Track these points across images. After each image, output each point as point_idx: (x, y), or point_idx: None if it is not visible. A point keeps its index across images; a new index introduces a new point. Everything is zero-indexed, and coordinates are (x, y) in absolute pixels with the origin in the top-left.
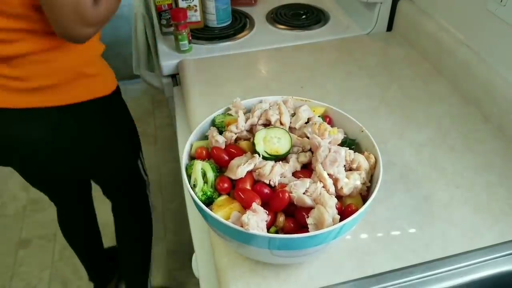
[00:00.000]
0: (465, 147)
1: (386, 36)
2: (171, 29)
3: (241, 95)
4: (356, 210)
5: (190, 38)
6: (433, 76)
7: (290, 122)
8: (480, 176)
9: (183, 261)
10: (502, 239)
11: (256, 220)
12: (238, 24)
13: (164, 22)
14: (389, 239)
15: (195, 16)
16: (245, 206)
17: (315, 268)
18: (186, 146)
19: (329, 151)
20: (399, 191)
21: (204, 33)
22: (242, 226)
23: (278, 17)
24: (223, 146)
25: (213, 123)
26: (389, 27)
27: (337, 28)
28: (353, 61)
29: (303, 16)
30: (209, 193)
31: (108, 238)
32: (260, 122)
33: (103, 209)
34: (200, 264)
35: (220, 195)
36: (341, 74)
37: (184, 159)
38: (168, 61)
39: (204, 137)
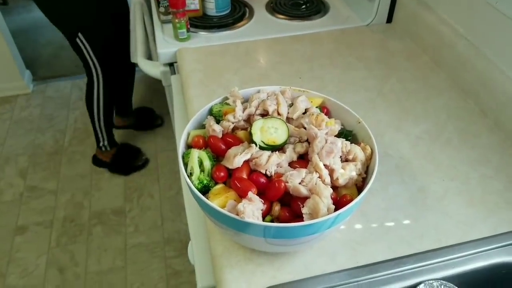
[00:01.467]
0: (462, 140)
1: (385, 28)
2: (169, 16)
3: (239, 85)
4: (351, 200)
5: (189, 26)
6: (432, 69)
7: (288, 113)
8: (475, 169)
9: (180, 249)
10: (496, 232)
11: (252, 208)
12: (237, 13)
13: (162, 9)
14: (383, 229)
15: (193, 4)
16: (241, 195)
17: (309, 257)
18: (183, 134)
19: (326, 142)
20: (394, 182)
21: (203, 22)
22: (237, 215)
23: (277, 6)
24: (220, 135)
25: (210, 112)
26: (389, 19)
27: (336, 19)
28: (352, 53)
29: (303, 6)
30: (205, 181)
31: None
32: (258, 112)
33: None
34: (195, 252)
35: (216, 183)
36: (340, 66)
37: (181, 148)
38: (166, 49)
39: (201, 126)
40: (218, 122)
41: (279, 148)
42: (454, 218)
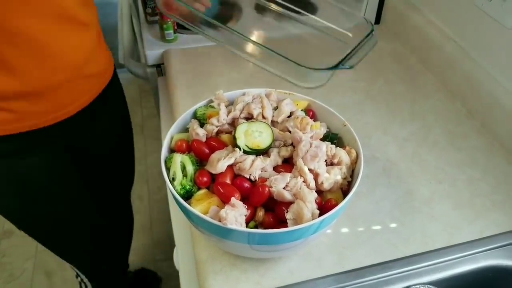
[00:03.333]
0: (449, 143)
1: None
2: (157, 17)
3: (227, 87)
4: (336, 205)
5: (176, 27)
6: (420, 71)
7: (273, 116)
8: (463, 172)
9: (169, 252)
10: (482, 234)
11: (235, 214)
12: (226, 13)
13: (149, 10)
14: (370, 233)
15: None
16: (224, 201)
17: (295, 262)
18: (166, 138)
19: (310, 146)
20: (381, 185)
21: None
22: (220, 221)
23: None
24: (203, 139)
25: (195, 116)
26: (377, 20)
27: (324, 20)
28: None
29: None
30: (188, 186)
31: None
32: (242, 115)
33: None
34: (180, 258)
35: (199, 189)
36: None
37: (163, 152)
38: (153, 50)
39: (186, 129)
40: (202, 125)
41: (263, 152)
42: (441, 221)
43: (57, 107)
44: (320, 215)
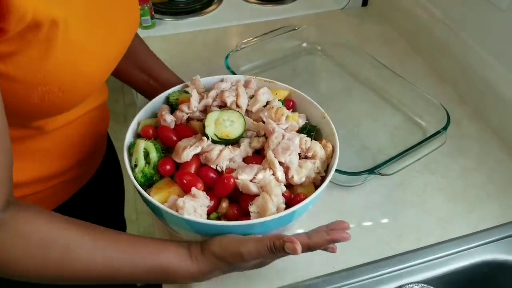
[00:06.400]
0: None
1: (361, 12)
2: None
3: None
4: (305, 199)
5: (153, 13)
6: (409, 55)
7: (248, 105)
8: (455, 161)
9: None
10: (477, 227)
11: (194, 205)
12: None
13: None
14: (360, 230)
15: None
16: (185, 191)
17: (282, 263)
18: (132, 123)
19: (283, 138)
20: (372, 178)
21: (169, 7)
22: (177, 211)
23: None
24: (171, 126)
25: (167, 101)
26: (365, 2)
27: (310, 2)
28: (326, 38)
29: None
30: (149, 174)
31: None
32: (215, 103)
33: None
34: None
35: (162, 177)
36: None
37: (127, 137)
38: None
39: (156, 115)
40: (175, 111)
41: (233, 143)
42: (434, 214)
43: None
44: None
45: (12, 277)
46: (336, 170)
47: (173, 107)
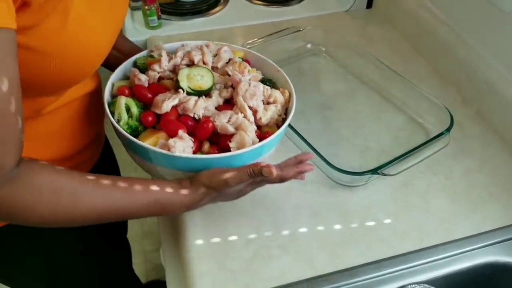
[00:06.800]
0: None
1: (365, 14)
2: (139, 3)
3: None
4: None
5: (160, 13)
6: (413, 57)
7: (212, 62)
8: (458, 162)
9: (159, 242)
10: (481, 228)
11: (183, 145)
12: None
13: None
14: (363, 230)
15: None
16: (171, 135)
17: (285, 262)
18: (107, 84)
19: (249, 86)
20: (375, 178)
21: (175, 8)
22: (169, 150)
23: None
24: (145, 85)
25: (135, 65)
26: (369, 4)
27: (315, 4)
28: (331, 40)
29: None
30: (134, 126)
31: None
32: (184, 62)
33: None
34: (167, 257)
35: (145, 128)
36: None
37: (106, 96)
38: (136, 38)
39: (126, 77)
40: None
41: (205, 94)
42: (437, 215)
43: None
44: None
45: (27, 223)
46: (340, 170)
47: (141, 70)
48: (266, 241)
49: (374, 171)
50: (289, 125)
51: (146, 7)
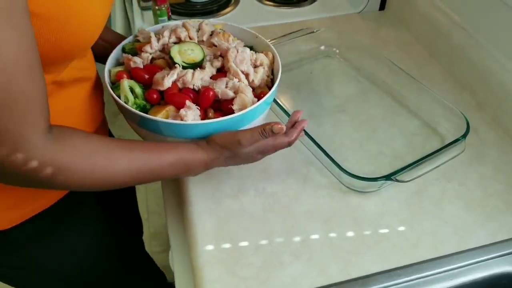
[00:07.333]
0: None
1: (378, 16)
2: (150, 3)
3: None
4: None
5: (170, 13)
6: (426, 60)
7: (198, 37)
8: (473, 169)
9: (166, 243)
10: (495, 238)
11: (192, 113)
12: None
13: None
14: (377, 237)
15: None
16: (179, 107)
17: (298, 269)
18: (105, 73)
19: (237, 52)
20: (388, 184)
21: (185, 8)
22: (182, 119)
23: None
24: (141, 67)
25: (123, 51)
26: (382, 6)
27: (327, 6)
28: (344, 42)
29: None
30: (142, 104)
31: None
32: (171, 40)
33: None
34: (176, 262)
35: (152, 106)
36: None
37: (108, 83)
38: None
39: (119, 64)
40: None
41: (199, 66)
42: (451, 223)
43: None
44: None
45: (67, 187)
46: (352, 175)
47: (132, 55)
48: (278, 247)
49: (388, 177)
50: None
51: (157, 7)
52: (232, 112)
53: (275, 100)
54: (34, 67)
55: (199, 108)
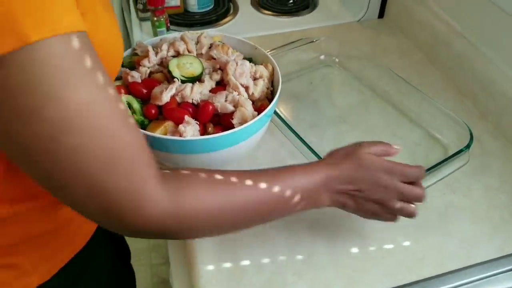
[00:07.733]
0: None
1: (377, 24)
2: (148, 14)
3: None
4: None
5: (169, 24)
6: (427, 68)
7: (196, 50)
8: (478, 180)
9: (167, 256)
10: (502, 251)
11: (191, 129)
12: (221, 9)
13: (140, 6)
14: (381, 253)
15: (174, 0)
16: (178, 122)
17: (301, 285)
18: None
19: (237, 65)
20: None
21: (184, 19)
22: (180, 136)
23: (263, 1)
24: (139, 81)
25: (122, 65)
26: (381, 14)
27: (326, 15)
28: (344, 51)
29: (290, 1)
30: (140, 120)
31: None
32: (169, 54)
33: None
34: (174, 275)
35: (149, 121)
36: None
37: None
38: None
39: (117, 78)
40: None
41: (198, 79)
42: (457, 237)
43: None
44: None
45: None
46: None
47: (129, 69)
48: (280, 266)
49: None
50: (301, 139)
51: (155, 18)
52: (232, 125)
53: (275, 111)
54: (127, 116)
55: (198, 123)
